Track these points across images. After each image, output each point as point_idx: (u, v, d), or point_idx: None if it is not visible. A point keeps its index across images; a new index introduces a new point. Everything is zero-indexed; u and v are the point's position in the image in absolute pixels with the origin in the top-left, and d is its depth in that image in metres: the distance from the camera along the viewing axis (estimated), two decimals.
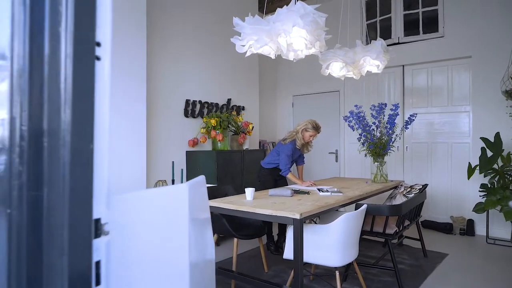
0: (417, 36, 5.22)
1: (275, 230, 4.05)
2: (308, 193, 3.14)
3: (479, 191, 4.25)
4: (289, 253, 2.48)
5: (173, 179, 4.17)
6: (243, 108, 5.50)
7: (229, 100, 5.26)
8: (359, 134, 3.98)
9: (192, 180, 0.95)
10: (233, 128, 4.88)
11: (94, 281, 0.61)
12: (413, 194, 3.52)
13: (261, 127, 6.18)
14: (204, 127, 4.61)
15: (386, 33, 5.45)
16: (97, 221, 0.61)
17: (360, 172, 5.71)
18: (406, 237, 3.88)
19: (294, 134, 3.83)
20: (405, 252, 3.90)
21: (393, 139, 3.92)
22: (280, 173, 3.80)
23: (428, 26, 5.15)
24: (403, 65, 5.35)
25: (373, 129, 3.94)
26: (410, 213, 3.38)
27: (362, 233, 2.92)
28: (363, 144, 3.97)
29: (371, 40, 3.56)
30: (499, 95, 4.42)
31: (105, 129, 0.62)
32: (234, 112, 5.19)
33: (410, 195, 3.52)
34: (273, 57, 2.88)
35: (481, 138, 4.24)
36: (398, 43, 5.36)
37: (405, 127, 4.01)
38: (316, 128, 3.79)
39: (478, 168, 4.17)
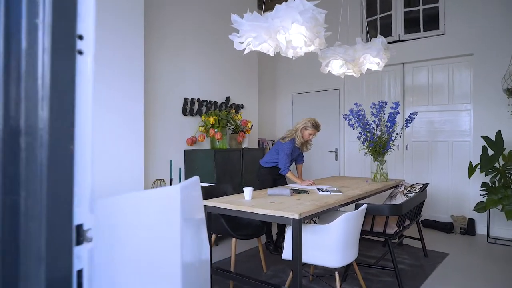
0: (418, 34, 5.17)
1: (274, 230, 4.02)
2: (307, 192, 3.10)
3: (480, 190, 4.21)
4: (288, 253, 2.44)
5: (171, 178, 4.13)
6: (242, 107, 5.46)
7: (228, 98, 5.22)
8: (359, 133, 3.94)
9: (185, 181, 0.91)
10: (232, 126, 4.83)
11: None
12: (413, 193, 3.48)
13: (261, 126, 6.13)
14: (203, 126, 4.57)
15: (386, 31, 5.40)
16: (79, 227, 0.57)
17: (360, 171, 5.67)
18: (406, 236, 3.85)
19: (294, 133, 3.79)
20: (405, 251, 3.87)
21: (393, 138, 3.88)
22: (279, 172, 3.76)
23: (429, 23, 5.10)
24: (403, 63, 5.30)
25: (373, 127, 3.90)
26: (411, 213, 3.34)
27: (362, 233, 2.88)
28: (363, 142, 3.93)
29: (371, 38, 3.52)
30: (500, 93, 4.38)
31: (87, 129, 0.58)
32: (233, 111, 5.14)
33: (411, 195, 3.48)
34: (272, 54, 2.84)
35: (482, 136, 4.20)
36: (399, 41, 5.31)
37: (406, 126, 3.97)
38: (316, 127, 3.75)
39: (479, 167, 4.14)
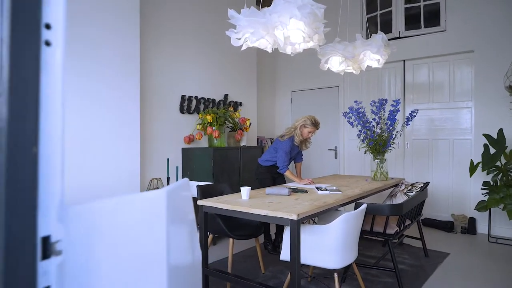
0: (418, 30, 5.10)
1: (272, 229, 3.96)
2: (306, 191, 3.04)
3: (481, 188, 4.16)
4: (286, 254, 2.39)
5: (168, 176, 4.07)
6: (240, 104, 5.39)
7: (226, 95, 5.15)
8: (359, 131, 3.88)
9: (173, 184, 0.85)
10: (230, 124, 4.77)
11: None
12: (414, 193, 3.43)
13: (259, 124, 6.07)
14: (200, 124, 4.50)
15: (386, 27, 5.33)
16: (46, 239, 0.51)
17: (360, 169, 5.61)
18: (406, 236, 3.79)
19: (293, 131, 3.74)
20: (406, 251, 3.82)
21: (393, 136, 3.82)
22: (278, 171, 3.70)
23: (430, 20, 5.03)
24: (403, 60, 5.24)
25: (373, 125, 3.84)
26: (411, 212, 3.29)
27: (361, 233, 2.82)
28: (363, 141, 3.87)
29: (371, 34, 3.45)
30: (502, 90, 4.31)
31: (57, 129, 0.52)
32: (231, 108, 5.07)
33: (411, 194, 3.42)
34: (269, 50, 2.77)
35: (483, 134, 4.14)
36: (399, 38, 5.24)
37: (406, 124, 3.91)
38: (315, 124, 3.69)
39: (480, 165, 4.08)
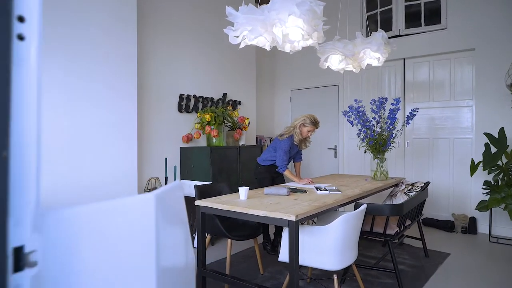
0: (419, 28, 5.06)
1: (271, 229, 3.92)
2: (305, 191, 3.01)
3: (483, 188, 4.12)
4: (284, 256, 2.35)
5: (166, 176, 4.04)
6: (239, 103, 5.35)
7: (225, 94, 5.11)
8: (359, 130, 3.84)
9: (163, 187, 0.82)
10: (228, 123, 4.73)
11: None
12: (414, 192, 3.39)
13: (258, 122, 6.03)
14: (199, 123, 4.46)
15: (386, 25, 5.28)
16: (18, 249, 0.47)
17: (360, 168, 5.57)
18: (407, 236, 3.75)
19: (292, 130, 3.70)
20: (406, 251, 3.78)
21: (393, 135, 3.78)
22: (277, 170, 3.67)
23: (430, 17, 4.98)
24: (404, 58, 5.19)
25: (373, 124, 3.80)
26: (412, 212, 3.25)
27: (361, 233, 2.78)
28: (362, 140, 3.83)
29: (371, 32, 3.41)
30: (503, 89, 4.27)
31: (31, 131, 0.48)
32: (229, 107, 5.03)
33: (412, 193, 3.38)
34: (268, 48, 2.73)
35: (485, 133, 4.10)
36: (399, 36, 5.20)
37: (406, 123, 3.87)
38: (315, 123, 3.65)
39: (481, 164, 4.04)
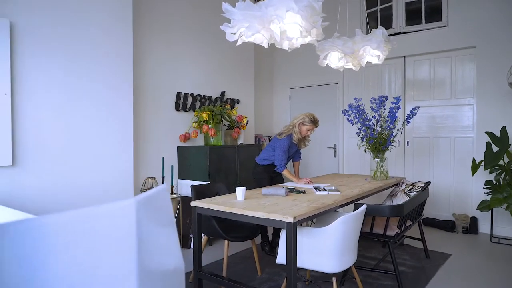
0: (419, 26, 4.99)
1: (270, 229, 3.87)
2: (304, 192, 2.95)
3: (484, 188, 4.06)
4: (282, 258, 2.29)
5: (163, 176, 3.97)
6: (237, 101, 5.28)
7: (223, 92, 5.04)
8: (358, 129, 3.78)
9: (146, 193, 0.76)
10: (227, 122, 4.66)
11: None
12: (415, 192, 3.33)
13: (257, 121, 5.96)
14: (196, 122, 4.40)
15: (386, 23, 5.22)
16: None
17: (360, 168, 5.51)
18: (407, 236, 3.70)
19: (291, 128, 3.63)
20: (406, 252, 3.72)
21: (394, 134, 3.73)
22: (275, 169, 3.61)
23: (431, 15, 4.92)
24: (404, 56, 5.13)
25: (373, 123, 3.74)
26: (412, 213, 3.19)
27: (361, 234, 2.72)
28: (362, 139, 3.77)
29: (371, 29, 3.34)
30: (505, 87, 4.21)
31: None
32: (227, 106, 4.97)
33: (412, 193, 3.33)
34: (266, 45, 2.66)
35: (486, 132, 4.04)
36: (399, 33, 5.13)
37: (407, 121, 3.81)
38: (314, 122, 3.59)
39: (482, 164, 3.98)
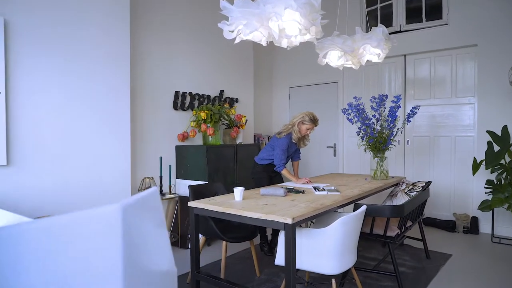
0: (420, 24, 4.94)
1: (269, 229, 3.83)
2: (303, 192, 2.91)
3: (485, 187, 4.03)
4: (280, 259, 2.25)
5: (161, 175, 3.94)
6: (236, 100, 5.24)
7: (221, 91, 5.00)
8: (358, 128, 3.74)
9: (134, 196, 0.72)
10: (225, 121, 4.62)
11: None
12: (415, 192, 3.29)
13: (256, 120, 5.92)
14: (194, 121, 4.36)
15: (387, 21, 5.17)
16: None
17: (360, 167, 5.48)
18: (407, 237, 3.66)
19: (290, 127, 3.60)
20: (407, 252, 3.69)
21: (394, 133, 3.69)
22: (275, 169, 3.57)
23: (432, 13, 4.87)
24: (404, 55, 5.08)
25: (373, 122, 3.70)
26: (413, 213, 3.15)
27: (361, 235, 2.69)
28: (362, 138, 3.73)
29: (371, 28, 3.30)
30: (506, 85, 4.17)
31: None
32: (226, 105, 4.92)
33: (412, 193, 3.29)
34: (264, 44, 2.62)
35: (487, 131, 4.00)
36: (400, 31, 5.09)
37: (407, 120, 3.77)
38: (314, 121, 3.55)
39: (484, 163, 3.94)
